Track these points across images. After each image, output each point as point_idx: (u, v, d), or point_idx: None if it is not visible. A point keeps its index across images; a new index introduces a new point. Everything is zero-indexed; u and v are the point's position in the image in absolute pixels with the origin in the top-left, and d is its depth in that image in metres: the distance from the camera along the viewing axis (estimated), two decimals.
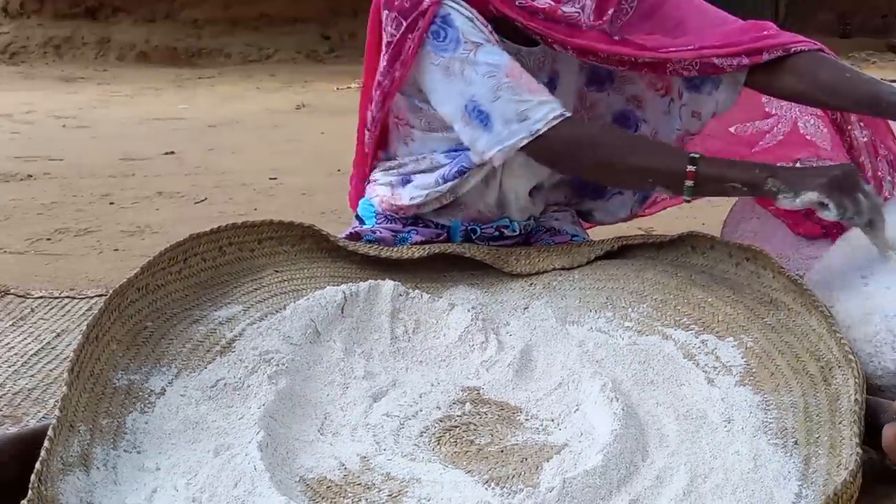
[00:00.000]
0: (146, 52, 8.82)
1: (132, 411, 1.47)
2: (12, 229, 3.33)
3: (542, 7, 1.81)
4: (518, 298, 1.82)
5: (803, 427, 1.41)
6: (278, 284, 1.81)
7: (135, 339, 1.59)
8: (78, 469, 1.33)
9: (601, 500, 1.29)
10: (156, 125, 5.67)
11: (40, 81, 7.75)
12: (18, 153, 4.81)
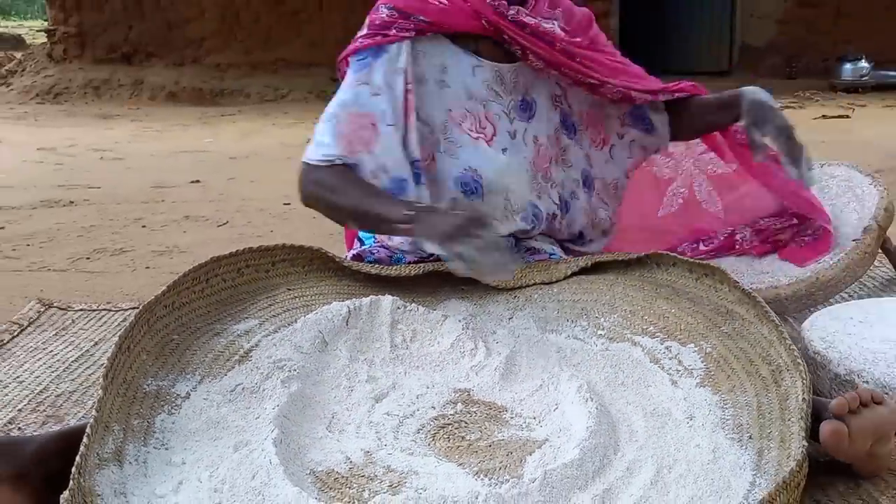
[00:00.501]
0: (175, 93, 8.83)
1: (160, 413, 1.47)
2: (55, 250, 3.33)
3: (529, 23, 1.85)
4: (503, 310, 1.82)
5: (756, 423, 1.41)
6: (290, 301, 1.81)
7: (162, 349, 1.59)
8: (112, 464, 1.33)
9: (578, 489, 1.29)
10: (183, 157, 5.68)
11: (81, 119, 7.76)
12: (61, 182, 4.82)
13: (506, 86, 1.91)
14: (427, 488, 1.32)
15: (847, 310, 1.96)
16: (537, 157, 1.95)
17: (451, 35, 1.86)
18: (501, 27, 1.83)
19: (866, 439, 1.39)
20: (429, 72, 1.85)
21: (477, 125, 1.88)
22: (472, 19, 1.83)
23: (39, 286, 2.83)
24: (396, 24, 1.81)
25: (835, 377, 1.72)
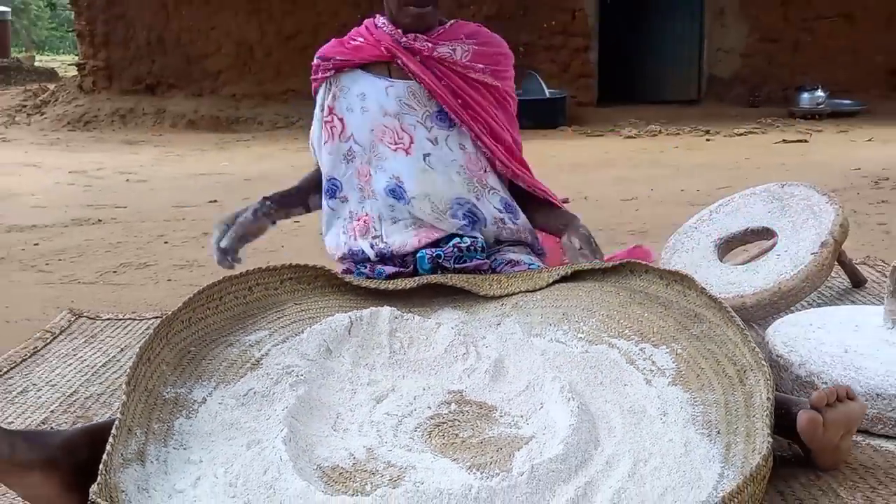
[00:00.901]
0: (194, 121, 8.83)
1: (179, 417, 1.48)
2: (85, 264, 3.33)
3: (420, 48, 1.93)
4: (491, 317, 1.82)
5: (724, 419, 1.40)
6: (297, 314, 1.81)
7: (180, 360, 1.60)
8: (135, 463, 1.34)
9: (562, 482, 1.29)
10: (202, 179, 5.68)
11: (108, 144, 7.76)
12: (90, 202, 4.82)
13: (419, 99, 1.95)
14: (424, 481, 1.32)
15: (807, 317, 1.97)
16: (469, 162, 1.97)
17: (365, 66, 1.99)
18: (394, 52, 1.94)
19: (838, 430, 1.41)
20: (352, 102, 1.98)
21: (395, 137, 1.96)
22: (377, 49, 1.96)
23: (70, 297, 2.82)
24: (322, 67, 2.02)
25: (796, 378, 1.73)
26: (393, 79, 1.96)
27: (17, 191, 5.25)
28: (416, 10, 1.90)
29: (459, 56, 1.94)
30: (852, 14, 8.91)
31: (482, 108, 1.96)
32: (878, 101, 8.45)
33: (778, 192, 2.46)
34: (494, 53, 2.00)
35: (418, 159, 1.94)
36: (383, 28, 1.96)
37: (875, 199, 4.22)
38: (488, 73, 1.97)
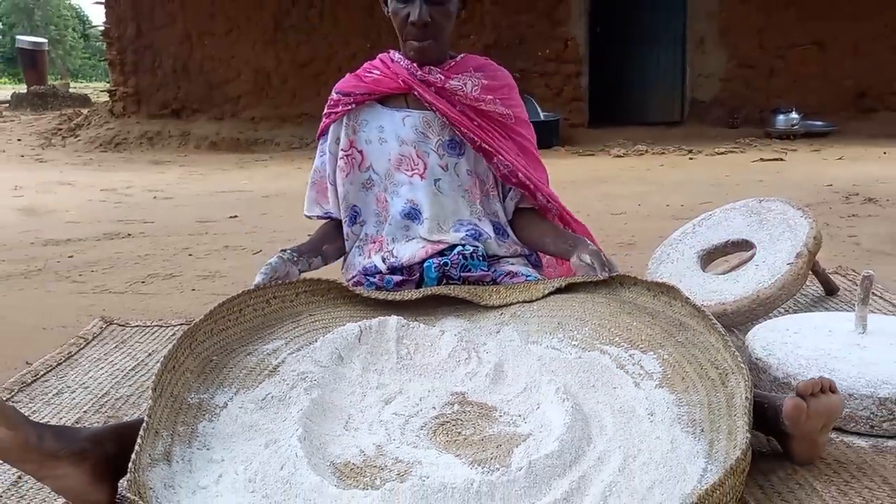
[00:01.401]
0: (216, 142, 8.86)
1: (202, 420, 1.48)
2: (115, 275, 3.33)
3: (434, 80, 1.94)
4: (492, 325, 1.82)
5: (707, 419, 1.40)
6: (311, 324, 1.81)
7: (203, 368, 1.60)
8: (162, 463, 1.34)
9: (557, 476, 1.29)
10: (223, 196, 5.69)
11: (137, 164, 7.79)
12: (120, 217, 4.83)
13: (433, 128, 1.98)
14: (430, 476, 1.32)
15: (784, 323, 1.97)
16: (472, 187, 2.01)
17: (383, 99, 2.00)
18: (411, 84, 1.94)
19: (820, 419, 1.41)
20: (371, 135, 2.00)
21: (411, 164, 1.99)
22: (394, 81, 1.96)
23: (102, 306, 2.83)
24: (341, 102, 2.01)
25: (774, 380, 1.72)
26: (410, 109, 1.98)
27: (53, 207, 5.27)
28: (416, 44, 1.90)
29: (469, 89, 1.95)
30: (823, 42, 8.93)
31: (495, 131, 1.97)
32: (847, 122, 8.46)
33: (756, 207, 2.47)
34: (502, 86, 2.01)
35: (430, 184, 1.98)
36: (399, 62, 1.97)
37: (846, 213, 4.22)
38: (498, 102, 1.98)
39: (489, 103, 1.97)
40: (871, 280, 1.84)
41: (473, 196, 2.01)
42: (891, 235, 3.61)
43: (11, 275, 3.37)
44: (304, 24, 9.16)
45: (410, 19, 1.86)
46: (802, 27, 8.91)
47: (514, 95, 2.05)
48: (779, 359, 1.74)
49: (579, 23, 9.00)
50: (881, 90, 8.86)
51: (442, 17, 1.89)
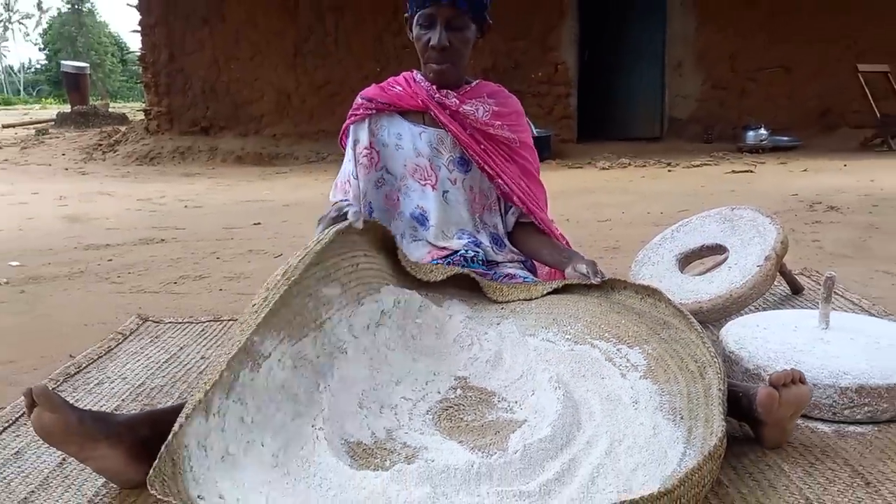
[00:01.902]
0: (241, 156, 8.86)
1: (245, 368, 1.37)
2: (150, 276, 3.34)
3: (450, 104, 1.94)
4: (493, 317, 1.82)
5: (687, 407, 1.40)
6: (366, 271, 1.70)
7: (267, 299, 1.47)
8: (200, 415, 1.28)
9: (550, 459, 1.29)
10: (247, 205, 5.69)
11: (170, 177, 7.80)
12: (155, 224, 4.84)
13: (446, 145, 1.98)
14: (435, 459, 1.32)
15: (754, 319, 1.96)
16: (474, 202, 2.02)
17: (403, 112, 1.99)
18: (428, 105, 1.94)
19: (790, 407, 1.42)
20: (389, 139, 2.00)
21: (424, 175, 1.99)
22: (414, 100, 1.96)
23: (138, 304, 2.83)
24: (364, 106, 2.00)
25: (745, 371, 1.72)
26: (426, 126, 1.98)
27: (94, 215, 5.27)
28: (435, 66, 1.90)
29: (481, 114, 1.95)
30: (789, 66, 8.94)
31: (498, 155, 1.98)
32: (811, 137, 8.46)
33: (728, 215, 2.47)
34: (510, 112, 2.01)
35: (439, 194, 1.99)
36: (421, 83, 1.96)
37: (810, 219, 4.22)
38: (506, 127, 1.98)
39: (497, 128, 1.96)
40: (834, 280, 1.84)
41: (475, 209, 2.02)
42: (851, 240, 3.61)
43: (57, 276, 3.37)
44: (320, 50, 9.18)
45: (431, 43, 1.85)
46: (771, 52, 8.92)
47: (521, 121, 2.04)
48: (749, 352, 1.73)
49: (569, 49, 9.01)
50: (842, 109, 8.86)
51: (460, 43, 1.88)
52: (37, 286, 3.19)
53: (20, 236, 4.45)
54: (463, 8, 1.83)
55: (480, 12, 1.88)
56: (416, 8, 1.86)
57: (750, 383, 1.66)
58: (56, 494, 1.40)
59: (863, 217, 4.24)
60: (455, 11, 1.83)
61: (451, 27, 1.85)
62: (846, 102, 8.75)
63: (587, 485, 1.24)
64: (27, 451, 1.58)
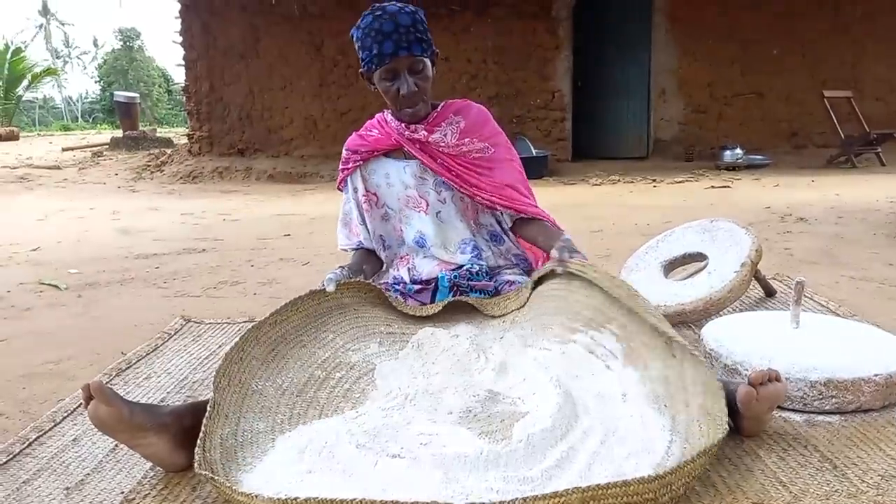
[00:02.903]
0: (273, 175, 8.89)
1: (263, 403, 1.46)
2: (192, 282, 3.35)
3: (419, 138, 1.92)
4: (496, 332, 1.80)
5: (667, 393, 1.38)
6: (355, 319, 1.79)
7: (266, 357, 1.58)
8: (231, 438, 1.34)
9: (550, 447, 1.28)
10: (279, 218, 5.71)
11: (210, 193, 7.83)
12: (196, 236, 4.86)
13: (427, 172, 1.95)
14: (447, 444, 1.31)
15: (732, 320, 1.95)
16: (466, 210, 1.99)
17: (386, 152, 1.97)
18: (401, 142, 1.93)
19: (767, 403, 1.40)
20: (380, 181, 1.99)
21: (415, 203, 1.98)
22: (389, 140, 1.95)
23: (182, 307, 2.84)
24: (352, 159, 1.99)
25: (724, 367, 1.71)
26: (408, 159, 1.97)
27: (142, 228, 5.30)
28: (409, 110, 1.86)
29: (449, 138, 1.91)
30: (762, 92, 8.92)
31: (472, 171, 1.94)
32: (782, 156, 8.43)
33: (708, 226, 2.45)
34: (475, 122, 1.96)
35: (433, 217, 1.97)
36: (391, 123, 1.95)
37: (782, 230, 4.19)
38: (475, 140, 1.93)
39: (468, 144, 1.92)
40: (803, 285, 1.82)
41: (468, 216, 2.00)
42: (819, 248, 3.58)
43: (110, 282, 3.39)
44: (343, 81, 9.23)
45: (402, 93, 1.82)
46: (745, 80, 8.91)
47: (488, 128, 1.98)
48: (728, 349, 1.72)
49: (564, 78, 9.02)
50: (809, 130, 8.84)
51: (424, 82, 1.85)
52: (92, 291, 3.21)
53: (78, 247, 4.48)
54: (418, 54, 1.80)
55: (430, 49, 1.85)
56: (376, 66, 1.80)
57: (729, 378, 1.64)
58: (109, 476, 1.41)
59: (829, 227, 4.21)
60: (413, 59, 1.79)
61: (413, 72, 1.82)
62: (813, 124, 8.72)
63: (584, 471, 1.23)
64: (83, 438, 1.58)
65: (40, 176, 9.47)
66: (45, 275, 3.57)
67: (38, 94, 31.34)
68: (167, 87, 35.56)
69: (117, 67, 34.13)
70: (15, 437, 1.59)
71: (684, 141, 9.09)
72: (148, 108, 29.65)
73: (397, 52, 1.77)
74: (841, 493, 1.24)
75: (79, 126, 25.58)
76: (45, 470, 1.44)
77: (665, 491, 1.13)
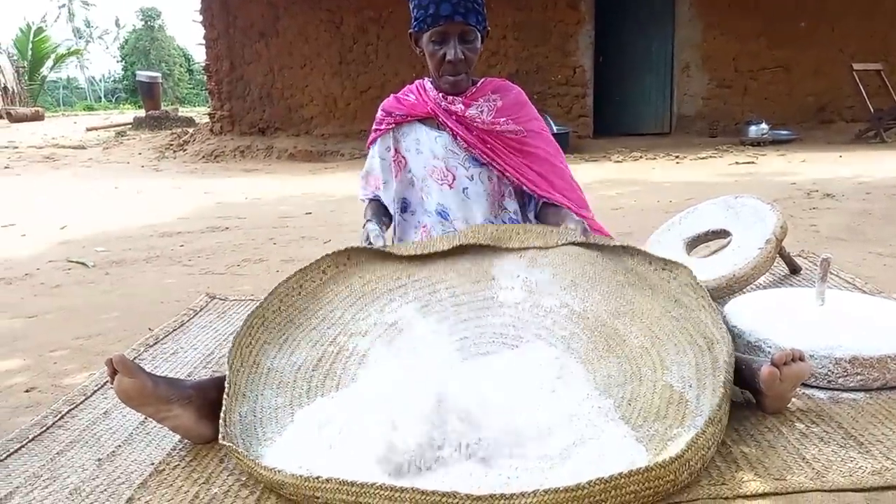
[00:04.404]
0: (294, 154, 8.92)
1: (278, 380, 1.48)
2: (217, 260, 3.38)
3: (455, 110, 1.89)
4: (514, 268, 1.79)
5: (695, 376, 1.39)
6: (361, 287, 1.77)
7: (277, 340, 1.60)
8: (250, 415, 1.38)
9: (619, 385, 1.28)
10: (300, 197, 5.73)
11: (232, 172, 7.88)
12: (220, 214, 4.90)
13: (459, 146, 1.92)
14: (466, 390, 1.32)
15: (755, 297, 1.94)
16: (493, 190, 1.96)
17: (421, 119, 1.95)
18: (437, 112, 1.91)
19: (790, 383, 1.40)
20: (410, 145, 1.97)
21: (442, 175, 1.95)
22: (424, 108, 1.93)
23: (206, 284, 2.87)
24: (385, 121, 1.98)
25: (747, 343, 1.70)
26: (440, 130, 1.94)
27: (167, 207, 5.36)
28: (451, 78, 1.84)
29: (486, 115, 1.89)
30: (788, 66, 8.73)
31: (505, 150, 1.92)
32: (809, 131, 8.27)
33: (732, 202, 2.42)
34: (513, 104, 1.94)
35: (459, 192, 1.94)
36: (430, 92, 1.93)
37: (807, 206, 4.13)
38: (510, 121, 1.92)
39: (502, 125, 1.90)
40: (829, 262, 1.80)
41: (495, 197, 1.98)
42: (845, 225, 3.52)
43: (136, 260, 3.44)
44: (363, 59, 9.19)
45: (448, 58, 1.80)
46: (771, 54, 8.72)
47: (525, 111, 1.96)
48: (751, 326, 1.71)
49: (586, 53, 8.90)
50: (838, 105, 8.65)
51: (472, 53, 1.83)
52: (119, 269, 3.26)
53: (104, 226, 4.54)
54: (472, 23, 1.78)
55: (484, 24, 1.83)
56: (428, 26, 1.79)
57: (751, 355, 1.64)
58: (139, 448, 1.44)
59: (856, 203, 4.14)
60: (467, 27, 1.78)
61: (464, 40, 1.80)
62: (841, 99, 8.53)
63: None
64: (114, 411, 1.62)
65: (65, 156, 9.59)
66: (73, 253, 3.63)
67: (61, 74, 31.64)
68: (188, 67, 35.68)
69: (139, 47, 34.28)
70: (48, 409, 1.64)
71: (708, 116, 8.95)
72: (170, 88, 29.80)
73: (453, 16, 1.75)
74: (865, 469, 1.23)
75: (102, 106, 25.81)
76: (78, 442, 1.48)
77: (684, 469, 1.13)
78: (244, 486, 1.26)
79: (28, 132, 12.08)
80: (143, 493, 1.26)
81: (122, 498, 1.25)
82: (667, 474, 1.10)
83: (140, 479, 1.31)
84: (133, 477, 1.32)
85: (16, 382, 1.87)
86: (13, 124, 13.32)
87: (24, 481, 1.32)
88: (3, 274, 3.23)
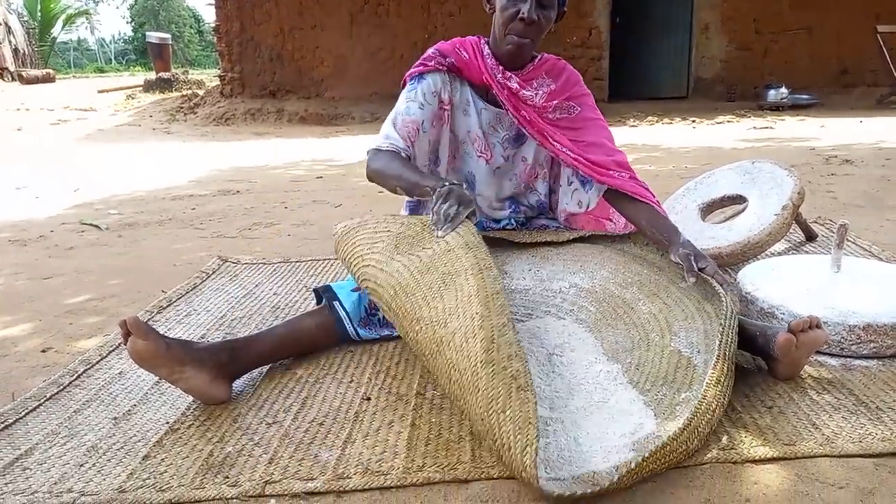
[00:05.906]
0: (305, 117, 8.89)
1: None
2: (228, 224, 3.40)
3: (512, 87, 1.80)
4: (524, 265, 1.81)
5: (703, 342, 1.39)
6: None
7: None
8: None
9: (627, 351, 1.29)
10: (311, 160, 5.72)
11: (243, 136, 7.87)
12: (231, 178, 4.91)
13: (503, 125, 1.87)
14: None
15: (770, 263, 1.93)
16: (524, 172, 1.93)
17: (471, 83, 1.84)
18: (491, 85, 1.80)
19: (806, 350, 1.40)
20: (460, 102, 1.85)
21: (481, 148, 1.88)
22: (478, 74, 1.80)
23: (219, 247, 2.89)
24: (436, 59, 1.81)
25: (760, 310, 1.69)
26: (487, 103, 1.85)
27: (178, 170, 5.37)
28: (517, 38, 1.72)
29: (538, 99, 1.80)
30: (811, 28, 8.53)
31: (556, 131, 1.83)
32: (830, 96, 8.13)
33: (749, 168, 2.39)
34: (565, 84, 1.84)
35: (492, 168, 1.91)
36: (488, 59, 1.79)
37: (826, 172, 4.07)
38: (563, 105, 1.83)
39: (555, 109, 1.82)
40: (846, 228, 1.78)
41: (522, 178, 1.94)
42: (864, 191, 3.47)
43: (149, 223, 3.46)
44: (374, 20, 9.07)
45: (521, 15, 1.67)
46: (793, 15, 8.52)
47: (577, 90, 1.86)
48: (765, 293, 1.70)
49: (602, 14, 8.74)
50: (860, 69, 8.47)
51: (545, 21, 1.73)
52: (132, 231, 3.28)
53: (116, 188, 4.56)
54: None
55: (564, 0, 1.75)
56: None
57: (765, 321, 1.63)
58: (154, 407, 1.47)
59: (876, 170, 4.08)
60: None
61: (541, 5, 1.70)
62: (864, 62, 8.36)
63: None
64: (129, 371, 1.65)
65: (77, 118, 9.60)
66: (86, 215, 3.66)
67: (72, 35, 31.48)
68: (198, 28, 35.41)
69: (148, 8, 34.01)
70: (64, 369, 1.67)
71: (726, 80, 8.81)
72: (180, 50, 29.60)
73: None
74: (875, 436, 1.23)
75: (112, 68, 25.72)
76: (94, 401, 1.51)
77: (694, 436, 1.14)
78: (257, 446, 1.28)
79: (39, 94, 12.08)
80: (158, 451, 1.28)
81: (138, 455, 1.28)
82: (678, 446, 1.11)
83: (156, 438, 1.33)
84: (149, 435, 1.35)
85: (32, 343, 1.90)
86: (24, 86, 13.32)
87: (42, 438, 1.36)
88: (18, 235, 3.26)
